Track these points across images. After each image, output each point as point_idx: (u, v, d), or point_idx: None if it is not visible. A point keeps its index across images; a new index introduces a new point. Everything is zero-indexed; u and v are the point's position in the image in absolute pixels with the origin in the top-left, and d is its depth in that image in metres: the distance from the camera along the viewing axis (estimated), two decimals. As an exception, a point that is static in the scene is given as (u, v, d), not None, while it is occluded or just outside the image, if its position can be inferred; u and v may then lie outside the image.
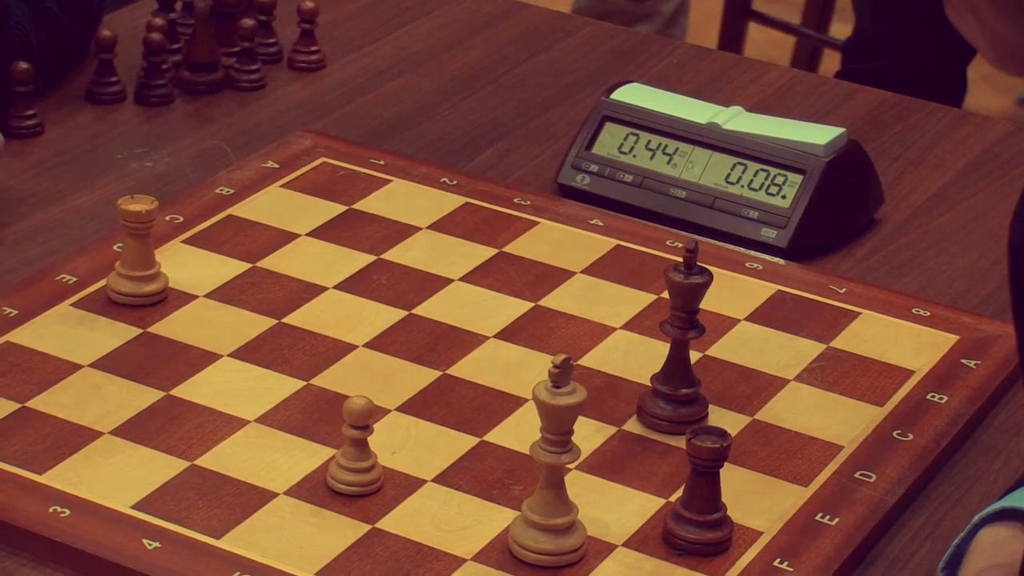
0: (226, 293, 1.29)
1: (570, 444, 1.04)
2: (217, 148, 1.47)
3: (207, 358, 1.22)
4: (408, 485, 1.11)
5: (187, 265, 1.32)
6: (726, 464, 1.07)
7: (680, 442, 1.12)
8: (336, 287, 1.31)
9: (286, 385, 1.20)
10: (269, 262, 1.33)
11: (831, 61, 3.12)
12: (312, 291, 1.30)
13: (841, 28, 3.19)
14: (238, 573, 1.02)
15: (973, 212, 1.45)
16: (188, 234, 1.36)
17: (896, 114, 1.60)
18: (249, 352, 1.23)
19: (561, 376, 1.02)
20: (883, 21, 2.42)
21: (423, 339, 1.26)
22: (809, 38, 3.12)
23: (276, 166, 1.45)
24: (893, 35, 2.39)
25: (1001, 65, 0.94)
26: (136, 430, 1.14)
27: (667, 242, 1.38)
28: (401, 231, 1.39)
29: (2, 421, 1.13)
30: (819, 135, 1.42)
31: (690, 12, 3.00)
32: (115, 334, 1.24)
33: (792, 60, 3.16)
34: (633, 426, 1.18)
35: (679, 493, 1.08)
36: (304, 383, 1.20)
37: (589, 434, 1.13)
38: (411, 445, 1.15)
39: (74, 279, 1.28)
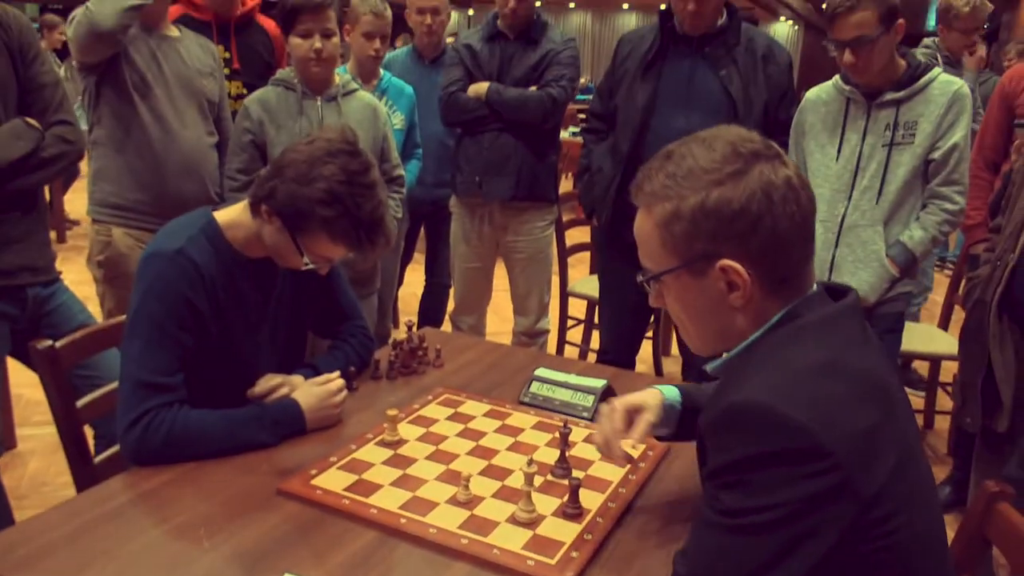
0: (421, 439, 1.21)
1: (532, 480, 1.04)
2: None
3: (413, 462, 1.15)
4: (477, 500, 1.06)
5: (401, 430, 1.23)
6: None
7: (566, 480, 1.09)
8: (456, 435, 1.22)
9: (439, 468, 1.13)
10: (425, 435, 1.22)
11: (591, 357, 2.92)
12: (442, 437, 1.22)
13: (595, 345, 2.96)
14: (432, 529, 0.98)
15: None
16: (406, 419, 1.26)
17: (622, 377, 1.46)
18: (431, 456, 1.16)
19: (530, 463, 1.04)
20: (611, 341, 2.16)
21: (483, 453, 1.18)
22: (583, 349, 2.99)
23: (431, 398, 1.34)
24: (615, 345, 2.13)
25: (697, 351, 0.79)
26: (399, 484, 1.09)
27: (557, 419, 1.29)
28: (472, 417, 1.29)
29: (350, 486, 1.06)
30: (599, 383, 1.35)
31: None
32: (382, 455, 1.16)
33: (579, 356, 3.05)
34: (550, 479, 1.12)
35: (565, 499, 1.06)
36: (446, 467, 1.14)
37: (539, 480, 1.10)
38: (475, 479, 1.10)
39: (373, 436, 1.21)
